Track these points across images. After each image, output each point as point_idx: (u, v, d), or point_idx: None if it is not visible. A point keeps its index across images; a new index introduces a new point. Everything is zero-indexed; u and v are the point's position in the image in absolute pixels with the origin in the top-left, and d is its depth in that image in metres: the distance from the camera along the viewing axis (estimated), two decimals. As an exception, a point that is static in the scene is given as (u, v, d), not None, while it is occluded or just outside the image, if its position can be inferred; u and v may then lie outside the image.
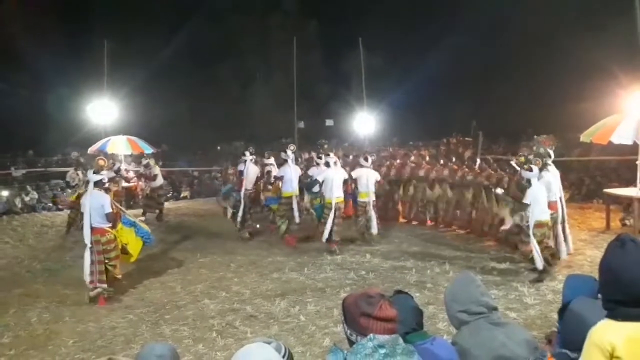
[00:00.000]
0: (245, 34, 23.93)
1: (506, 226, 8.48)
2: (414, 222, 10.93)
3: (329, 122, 22.24)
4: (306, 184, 9.47)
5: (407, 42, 21.40)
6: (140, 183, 12.89)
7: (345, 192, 9.16)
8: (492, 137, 17.70)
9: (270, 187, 10.03)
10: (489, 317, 2.36)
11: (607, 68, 13.83)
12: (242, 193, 9.73)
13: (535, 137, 7.90)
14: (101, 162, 7.06)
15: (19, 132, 19.48)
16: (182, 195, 16.64)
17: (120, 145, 13.05)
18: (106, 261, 6.63)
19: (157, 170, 12.54)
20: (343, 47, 20.47)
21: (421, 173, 10.75)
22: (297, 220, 9.57)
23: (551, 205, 7.16)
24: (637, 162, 8.88)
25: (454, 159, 11.19)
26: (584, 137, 9.39)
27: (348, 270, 7.73)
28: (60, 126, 18.75)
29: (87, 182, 6.95)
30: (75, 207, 11.42)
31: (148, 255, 8.43)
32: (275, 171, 9.91)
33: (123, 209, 7.69)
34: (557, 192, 7.52)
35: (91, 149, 13.15)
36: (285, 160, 9.46)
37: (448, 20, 20.19)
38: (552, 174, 7.51)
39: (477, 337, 2.31)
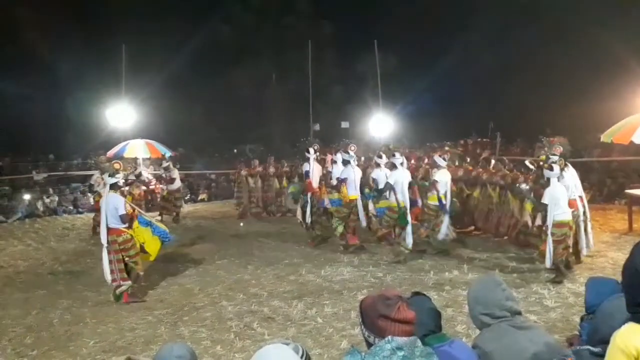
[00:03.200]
0: (261, 36, 24.05)
1: (529, 222, 8.35)
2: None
3: (345, 125, 22.17)
4: (380, 190, 8.54)
5: (422, 44, 21.30)
6: (159, 186, 13.03)
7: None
8: (509, 137, 17.51)
9: (333, 190, 9.13)
10: (512, 321, 2.33)
11: (627, 66, 13.58)
12: (309, 195, 9.47)
13: (544, 138, 7.77)
14: (116, 166, 7.20)
15: (39, 136, 19.87)
16: (199, 198, 16.78)
17: (138, 149, 13.19)
18: (127, 259, 6.79)
19: (175, 173, 12.68)
20: (358, 49, 20.39)
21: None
22: (363, 224, 9.12)
23: (571, 202, 7.03)
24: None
25: (468, 160, 11.11)
26: (604, 137, 9.23)
27: (365, 272, 7.70)
28: (79, 130, 19.07)
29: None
30: (99, 210, 11.62)
31: (166, 257, 8.53)
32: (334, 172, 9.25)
33: (139, 209, 7.78)
34: (575, 190, 7.39)
35: (110, 153, 13.32)
36: (348, 162, 8.93)
37: (463, 21, 20.05)
38: (570, 172, 7.40)
39: (500, 341, 2.28)
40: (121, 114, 14.82)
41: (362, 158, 12.45)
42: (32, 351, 5.44)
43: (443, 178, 8.40)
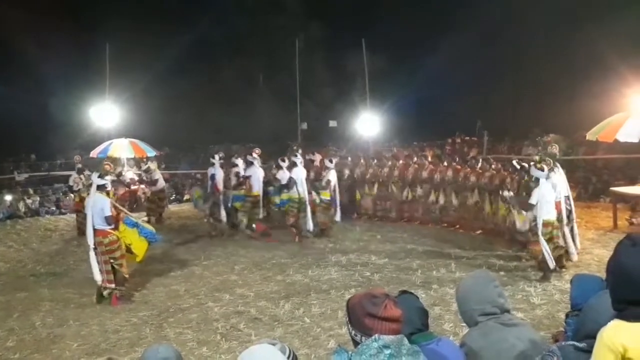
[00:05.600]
0: (249, 35, 23.94)
1: (522, 228, 8.35)
2: (416, 222, 10.95)
3: (333, 124, 22.14)
4: (284, 185, 9.83)
5: (411, 42, 21.34)
6: (141, 187, 12.85)
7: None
8: (497, 136, 17.63)
9: (241, 187, 10.38)
10: (500, 318, 2.31)
11: (613, 66, 13.73)
12: (221, 195, 10.44)
13: (538, 138, 7.94)
14: (107, 167, 7.09)
15: (22, 136, 19.54)
16: (185, 198, 16.61)
17: (122, 149, 13.01)
18: (112, 261, 6.69)
19: (158, 174, 12.54)
20: (347, 48, 20.35)
21: (425, 174, 10.79)
22: (260, 215, 10.33)
23: (555, 204, 7.14)
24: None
25: (457, 159, 11.21)
26: (589, 136, 9.34)
27: (353, 271, 7.68)
28: (63, 130, 18.77)
29: (90, 185, 7.04)
30: (80, 211, 11.47)
31: (151, 258, 8.42)
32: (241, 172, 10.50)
33: (125, 210, 7.67)
34: (563, 191, 7.49)
35: (93, 153, 13.14)
36: (252, 162, 10.23)
37: (452, 20, 20.11)
38: (558, 174, 7.49)
39: (488, 339, 2.26)
40: (105, 113, 14.63)
41: (349, 158, 12.66)
42: (14, 354, 5.33)
43: (333, 178, 10.10)
